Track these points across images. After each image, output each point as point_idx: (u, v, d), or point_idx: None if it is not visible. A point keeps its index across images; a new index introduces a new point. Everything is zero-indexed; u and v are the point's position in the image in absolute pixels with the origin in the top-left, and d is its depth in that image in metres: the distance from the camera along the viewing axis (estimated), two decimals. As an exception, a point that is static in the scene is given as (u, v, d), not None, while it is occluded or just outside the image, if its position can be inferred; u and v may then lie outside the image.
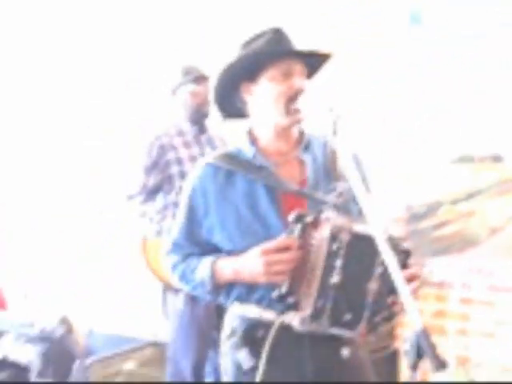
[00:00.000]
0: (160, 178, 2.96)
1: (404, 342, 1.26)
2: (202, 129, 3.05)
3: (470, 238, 3.10)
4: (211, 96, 1.79)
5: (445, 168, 3.12)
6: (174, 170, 2.94)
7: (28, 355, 1.28)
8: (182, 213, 1.75)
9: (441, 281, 3.14)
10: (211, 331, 2.88)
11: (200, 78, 3.01)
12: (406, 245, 1.52)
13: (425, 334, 1.21)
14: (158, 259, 2.90)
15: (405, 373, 2.98)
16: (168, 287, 2.94)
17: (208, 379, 3.02)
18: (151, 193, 2.97)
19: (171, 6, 3.92)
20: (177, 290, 2.82)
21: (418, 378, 1.33)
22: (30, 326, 1.27)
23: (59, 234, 4.23)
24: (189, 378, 2.90)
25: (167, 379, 3.00)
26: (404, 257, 1.51)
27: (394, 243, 1.45)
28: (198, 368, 2.91)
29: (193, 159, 2.93)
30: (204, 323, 2.86)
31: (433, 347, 1.20)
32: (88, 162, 4.17)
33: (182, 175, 2.90)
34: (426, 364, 1.26)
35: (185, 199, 1.74)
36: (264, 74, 1.65)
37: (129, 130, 4.03)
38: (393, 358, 2.83)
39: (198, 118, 3.03)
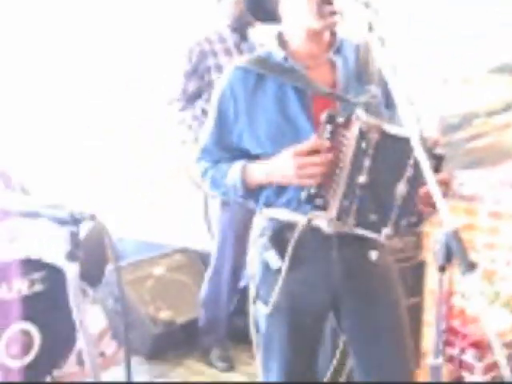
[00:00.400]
0: (199, 84, 2.99)
1: (434, 244, 1.26)
2: (243, 36, 3.02)
3: (504, 151, 3.03)
4: None
5: (482, 77, 3.02)
6: (214, 76, 2.94)
7: (60, 249, 1.31)
8: (211, 117, 1.73)
9: (471, 194, 3.11)
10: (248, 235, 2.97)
11: None
12: (439, 150, 1.47)
13: (456, 235, 1.20)
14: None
15: (430, 284, 3.01)
16: (208, 193, 3.01)
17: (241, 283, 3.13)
18: (190, 98, 3.00)
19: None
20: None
21: (446, 282, 1.33)
22: (59, 208, 1.28)
23: (97, 139, 4.26)
24: (226, 281, 3.04)
25: (206, 282, 3.13)
26: (437, 162, 1.47)
27: (428, 146, 1.42)
28: (236, 272, 3.03)
29: None
30: (241, 228, 2.94)
31: (463, 248, 1.19)
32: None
33: None
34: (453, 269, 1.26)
35: (214, 103, 1.72)
36: None
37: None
38: (419, 268, 2.85)
39: (241, 27, 3.00)
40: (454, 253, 1.20)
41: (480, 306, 1.21)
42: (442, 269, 1.25)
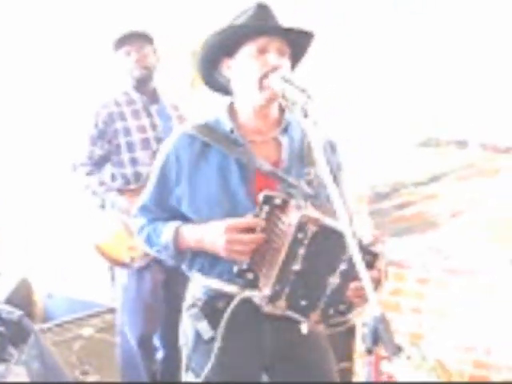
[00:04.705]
0: (107, 148, 2.85)
1: (363, 327, 1.30)
2: (152, 98, 2.92)
3: (431, 220, 3.16)
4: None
5: (410, 150, 3.17)
6: (122, 140, 2.83)
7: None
8: (153, 178, 1.76)
9: (400, 260, 3.21)
10: (158, 305, 2.88)
11: (129, 37, 2.86)
12: (376, 247, 1.52)
13: (383, 320, 1.24)
14: (102, 236, 2.87)
15: (360, 348, 3.06)
16: (112, 263, 2.92)
17: (157, 354, 3.05)
18: (97, 163, 2.86)
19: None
20: (123, 265, 2.82)
21: (373, 362, 1.37)
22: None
23: (20, 201, 4.17)
24: (136, 349, 2.92)
25: (118, 349, 3.03)
26: (371, 258, 1.50)
27: (364, 243, 1.47)
28: (144, 341, 2.92)
29: (142, 130, 2.85)
30: (150, 297, 2.85)
31: (389, 333, 1.24)
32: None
33: (130, 146, 2.83)
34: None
35: (158, 165, 1.75)
36: (241, 49, 1.65)
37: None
38: (349, 333, 2.89)
39: (140, 84, 2.88)
40: (381, 337, 1.24)
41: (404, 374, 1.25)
42: (370, 352, 1.29)
